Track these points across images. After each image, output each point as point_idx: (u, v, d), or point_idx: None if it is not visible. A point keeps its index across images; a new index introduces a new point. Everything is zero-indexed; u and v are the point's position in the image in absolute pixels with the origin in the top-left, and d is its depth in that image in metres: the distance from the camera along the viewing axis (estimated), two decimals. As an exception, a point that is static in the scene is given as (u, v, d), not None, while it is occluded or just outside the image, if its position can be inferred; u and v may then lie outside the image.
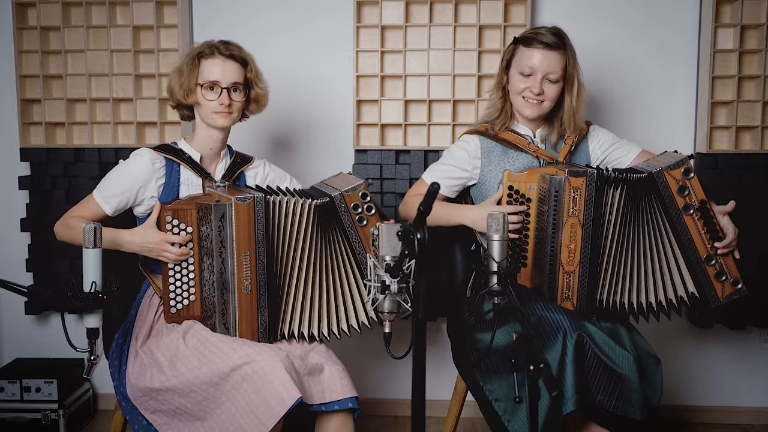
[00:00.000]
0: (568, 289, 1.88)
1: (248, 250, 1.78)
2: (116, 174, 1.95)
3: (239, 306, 1.79)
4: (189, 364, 1.74)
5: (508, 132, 2.10)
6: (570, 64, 2.01)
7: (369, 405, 2.80)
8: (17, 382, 2.59)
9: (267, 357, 1.68)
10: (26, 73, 2.67)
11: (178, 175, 1.96)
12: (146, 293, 2.00)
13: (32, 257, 2.73)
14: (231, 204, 1.76)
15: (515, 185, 1.98)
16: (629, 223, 1.92)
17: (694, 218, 1.93)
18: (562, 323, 1.80)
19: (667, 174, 1.91)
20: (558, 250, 1.88)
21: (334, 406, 1.77)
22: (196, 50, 1.97)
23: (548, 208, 1.89)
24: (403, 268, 1.52)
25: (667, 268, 1.95)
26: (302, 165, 2.73)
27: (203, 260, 1.84)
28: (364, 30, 2.61)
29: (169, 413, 1.77)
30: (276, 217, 1.84)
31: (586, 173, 1.85)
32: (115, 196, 1.92)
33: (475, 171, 2.09)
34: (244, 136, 2.73)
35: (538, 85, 2.00)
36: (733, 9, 2.57)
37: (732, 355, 2.77)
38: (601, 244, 1.89)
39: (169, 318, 1.87)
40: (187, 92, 1.95)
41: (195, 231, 1.85)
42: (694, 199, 1.93)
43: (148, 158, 1.94)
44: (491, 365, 1.89)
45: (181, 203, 1.88)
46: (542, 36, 1.98)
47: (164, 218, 1.83)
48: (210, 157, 2.03)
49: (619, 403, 1.77)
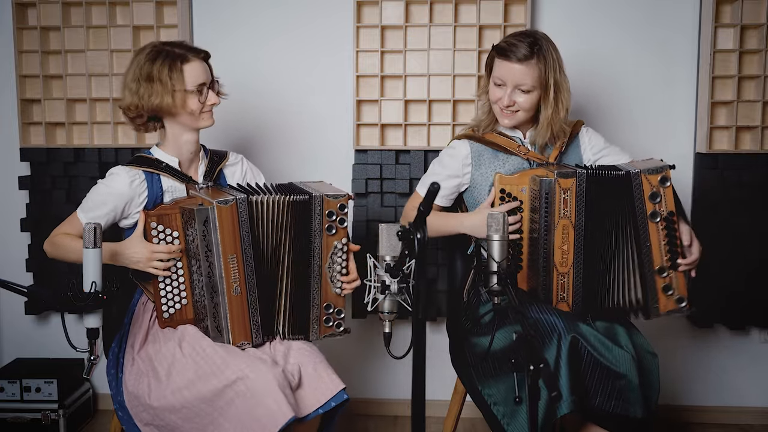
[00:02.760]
0: (563, 290, 1.88)
1: (234, 252, 1.77)
2: (97, 194, 1.90)
3: (230, 309, 1.78)
4: (184, 376, 1.74)
5: (498, 135, 2.09)
6: (545, 73, 1.96)
7: (369, 405, 2.80)
8: (17, 382, 2.59)
9: (260, 373, 1.68)
10: (26, 73, 2.67)
11: (160, 185, 1.93)
12: (140, 300, 1.99)
13: (32, 257, 2.73)
14: (213, 207, 1.74)
15: (507, 188, 1.97)
16: (605, 221, 1.92)
17: (658, 227, 1.91)
18: (557, 325, 1.80)
19: (643, 176, 1.90)
20: (551, 251, 1.88)
21: (331, 404, 1.78)
22: (175, 58, 1.87)
23: (539, 210, 1.89)
24: (403, 268, 1.52)
25: (624, 269, 1.93)
26: (302, 165, 2.73)
27: (192, 263, 1.84)
28: (364, 30, 2.61)
29: (160, 428, 1.78)
30: (260, 216, 1.82)
31: (575, 174, 1.85)
32: (100, 217, 1.87)
33: (466, 176, 2.09)
34: (242, 135, 2.73)
35: (507, 97, 1.98)
36: (733, 9, 2.57)
37: (732, 355, 2.76)
38: (594, 244, 1.89)
39: (163, 323, 1.87)
40: (182, 102, 1.88)
41: (181, 235, 1.84)
42: (664, 208, 1.91)
43: (126, 176, 1.89)
44: (489, 369, 1.89)
45: (165, 208, 1.85)
46: (516, 48, 1.93)
47: (149, 225, 1.82)
48: (188, 161, 2.00)
49: (619, 403, 1.77)
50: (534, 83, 1.96)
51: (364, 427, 2.71)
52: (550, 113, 2.00)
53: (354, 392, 1.86)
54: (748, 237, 2.60)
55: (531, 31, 2.01)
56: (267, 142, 2.74)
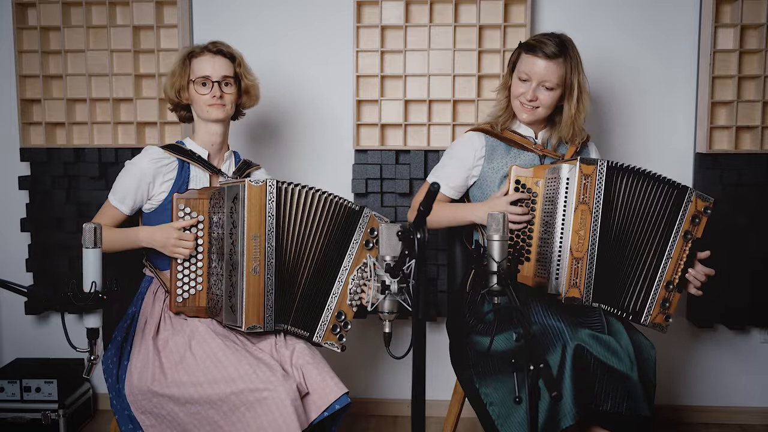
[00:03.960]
0: (576, 276, 1.90)
1: (258, 232, 1.82)
2: (125, 174, 1.99)
3: (247, 287, 1.81)
4: (192, 377, 1.76)
5: (511, 132, 2.12)
6: (570, 72, 2.02)
7: (369, 405, 2.80)
8: (17, 382, 2.59)
9: (273, 387, 1.70)
10: (26, 73, 2.67)
11: (188, 173, 2.02)
12: (150, 288, 2.01)
13: (32, 257, 2.73)
14: (244, 185, 1.81)
15: (522, 180, 2.00)
16: (633, 219, 1.95)
17: (685, 247, 1.98)
18: (562, 333, 1.80)
19: (695, 197, 1.98)
20: (567, 237, 1.90)
21: (335, 407, 1.79)
22: (186, 51, 2.05)
23: (557, 197, 1.92)
24: (403, 268, 1.52)
25: (636, 270, 1.97)
26: (302, 165, 2.73)
27: (212, 250, 1.89)
28: (364, 30, 2.61)
29: (159, 417, 1.78)
30: (288, 203, 1.88)
31: (596, 162, 1.90)
32: (129, 196, 1.97)
33: (476, 168, 2.11)
34: (245, 136, 2.73)
35: (532, 91, 2.02)
36: (733, 9, 2.57)
37: (732, 355, 2.77)
38: (609, 232, 1.92)
39: (175, 307, 1.90)
40: (179, 91, 2.03)
41: (206, 220, 1.90)
42: (695, 233, 1.99)
43: (153, 154, 1.99)
44: (489, 368, 1.89)
45: (194, 193, 1.94)
46: (544, 46, 1.99)
47: (176, 207, 1.89)
48: (214, 153, 2.08)
49: (631, 404, 1.78)
50: (558, 81, 2.01)
51: (364, 427, 2.71)
52: (573, 112, 2.05)
53: (354, 392, 1.87)
54: (748, 237, 2.60)
55: (558, 33, 2.05)
56: (267, 142, 2.74)
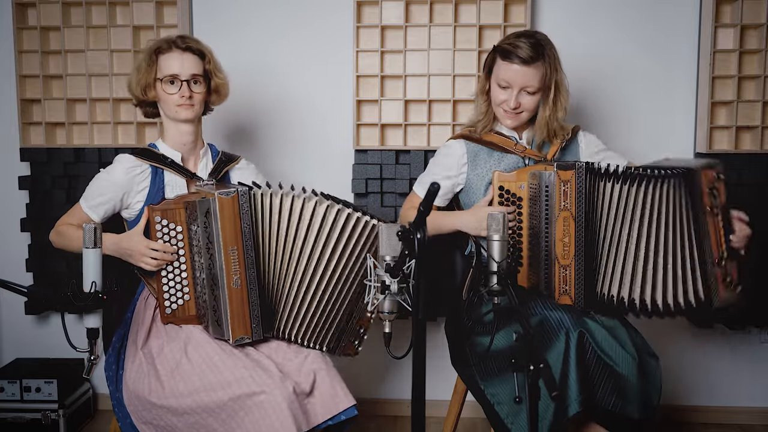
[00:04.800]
0: (565, 283, 1.88)
1: (235, 245, 1.77)
2: (98, 183, 1.96)
3: (230, 301, 1.77)
4: (189, 384, 1.73)
5: (493, 134, 2.09)
6: (549, 73, 1.98)
7: (369, 405, 2.80)
8: (17, 382, 2.59)
9: (268, 390, 1.68)
10: (26, 73, 2.67)
11: (162, 178, 1.96)
12: (141, 295, 2.00)
13: (32, 257, 2.73)
14: (214, 198, 1.75)
15: (506, 185, 1.97)
16: (640, 218, 1.89)
17: (716, 221, 1.90)
18: (563, 321, 1.79)
19: (702, 171, 1.89)
20: (552, 244, 1.88)
21: (341, 417, 1.78)
22: (153, 46, 1.95)
23: (540, 204, 1.89)
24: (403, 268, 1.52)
25: (681, 265, 1.90)
26: (302, 165, 2.73)
27: (194, 259, 1.85)
28: (364, 30, 2.61)
29: (159, 428, 1.77)
30: (264, 209, 1.83)
31: (575, 166, 1.85)
32: (101, 204, 1.94)
33: (461, 176, 2.09)
34: (242, 135, 2.73)
35: (514, 99, 1.99)
36: (733, 9, 2.57)
37: (732, 355, 2.77)
38: (597, 236, 1.88)
39: (165, 318, 1.87)
40: (144, 88, 1.95)
41: (185, 230, 1.85)
42: (719, 202, 1.91)
43: (127, 164, 1.94)
44: (491, 368, 1.89)
45: (169, 203, 1.88)
46: (520, 50, 1.94)
47: (153, 219, 1.83)
48: (187, 153, 2.02)
49: (618, 401, 1.77)
50: (540, 84, 1.97)
51: (365, 427, 2.71)
52: (548, 114, 2.01)
53: (354, 392, 1.86)
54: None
55: (531, 32, 2.01)
56: (267, 143, 2.74)
